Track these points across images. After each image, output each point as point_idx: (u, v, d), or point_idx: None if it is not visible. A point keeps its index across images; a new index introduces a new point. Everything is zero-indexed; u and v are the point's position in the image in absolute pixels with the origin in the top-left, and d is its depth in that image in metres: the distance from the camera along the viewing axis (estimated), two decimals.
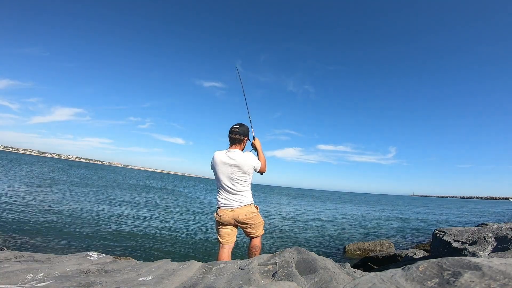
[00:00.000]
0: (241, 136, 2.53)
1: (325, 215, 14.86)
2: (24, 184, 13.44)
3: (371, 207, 24.56)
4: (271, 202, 21.18)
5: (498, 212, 23.15)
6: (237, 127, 2.53)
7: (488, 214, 20.41)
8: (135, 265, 2.02)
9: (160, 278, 1.62)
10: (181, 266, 1.91)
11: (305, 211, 16.42)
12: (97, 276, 1.64)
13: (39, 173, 22.83)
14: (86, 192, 13.63)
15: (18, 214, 6.77)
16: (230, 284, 1.50)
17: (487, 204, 51.74)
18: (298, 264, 1.71)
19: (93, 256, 2.12)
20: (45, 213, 7.38)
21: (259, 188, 22.49)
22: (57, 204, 8.90)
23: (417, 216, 17.47)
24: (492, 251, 2.48)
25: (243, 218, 2.46)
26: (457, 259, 0.83)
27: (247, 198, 2.51)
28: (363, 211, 19.23)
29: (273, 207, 17.15)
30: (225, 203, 2.48)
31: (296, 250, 1.98)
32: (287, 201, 25.11)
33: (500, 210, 27.79)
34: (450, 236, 3.10)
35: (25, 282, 1.47)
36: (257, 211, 2.57)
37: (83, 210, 8.43)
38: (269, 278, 1.55)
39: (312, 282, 1.45)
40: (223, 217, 2.47)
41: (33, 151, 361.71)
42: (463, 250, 2.64)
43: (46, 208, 8.07)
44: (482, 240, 2.70)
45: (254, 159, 2.54)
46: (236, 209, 2.46)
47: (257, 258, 1.94)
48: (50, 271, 1.64)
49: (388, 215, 16.96)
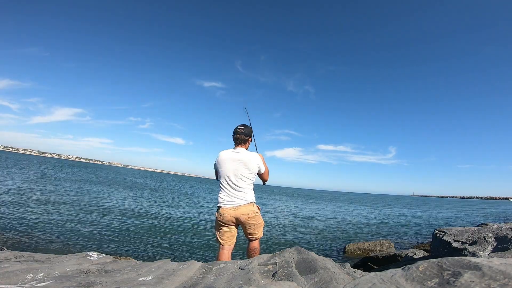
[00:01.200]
0: (246, 136, 2.62)
1: (325, 215, 14.86)
2: (24, 184, 13.44)
3: (371, 207, 24.56)
4: (271, 202, 21.18)
5: (498, 212, 23.16)
6: (242, 128, 2.62)
7: (488, 214, 20.42)
8: (135, 265, 2.02)
9: (160, 278, 1.62)
10: (181, 266, 1.91)
11: (305, 211, 16.42)
12: (97, 276, 1.64)
13: (39, 173, 22.83)
14: (85, 192, 13.63)
15: (18, 214, 6.78)
16: (230, 284, 1.50)
17: (487, 204, 51.74)
18: (298, 264, 1.71)
19: (93, 256, 2.12)
20: (45, 213, 7.38)
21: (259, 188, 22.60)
22: (57, 204, 8.90)
23: (417, 216, 17.48)
24: (492, 251, 2.48)
25: (245, 217, 2.45)
26: (457, 259, 0.83)
27: (250, 197, 2.51)
28: (363, 211, 19.23)
29: (273, 207, 17.15)
30: (227, 200, 2.47)
31: (296, 250, 1.98)
32: (287, 201, 25.11)
33: (500, 210, 27.80)
34: (450, 236, 3.10)
35: (25, 282, 1.46)
36: (258, 211, 2.57)
37: (83, 210, 8.43)
38: (269, 278, 1.55)
39: (312, 282, 1.45)
40: (225, 216, 2.45)
41: (33, 151, 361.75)
42: (463, 250, 2.64)
43: (46, 208, 8.07)
44: (482, 240, 2.70)
45: (259, 159, 2.61)
46: (238, 207, 2.45)
47: (257, 258, 1.94)
48: (50, 271, 1.64)
49: (388, 215, 16.96)
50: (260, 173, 2.63)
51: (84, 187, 16.15)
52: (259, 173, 2.61)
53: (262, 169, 2.61)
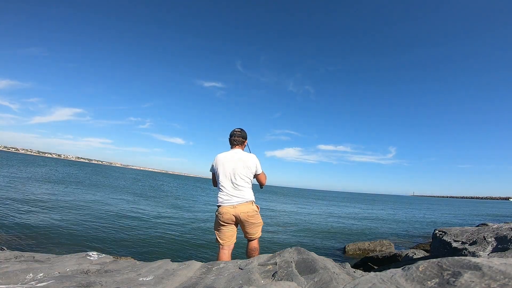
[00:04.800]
0: (243, 138, 2.70)
1: (325, 215, 14.86)
2: (24, 185, 13.44)
3: (371, 207, 24.56)
4: (270, 202, 21.18)
5: (498, 212, 23.16)
6: (239, 131, 2.70)
7: (488, 214, 20.42)
8: (135, 265, 2.02)
9: (160, 278, 1.62)
10: (181, 266, 1.91)
11: (305, 211, 16.42)
12: (97, 276, 1.64)
13: (39, 173, 22.83)
14: (85, 192, 13.63)
15: (18, 214, 6.78)
16: (230, 284, 1.50)
17: (487, 204, 51.77)
18: (298, 264, 1.71)
19: (93, 256, 2.12)
20: (45, 213, 7.38)
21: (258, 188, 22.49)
22: (57, 204, 8.90)
23: (417, 216, 17.48)
24: (492, 251, 2.48)
25: (245, 216, 2.46)
26: (457, 259, 0.83)
27: (249, 195, 2.53)
28: (363, 211, 19.23)
29: (273, 207, 17.15)
30: (227, 199, 2.49)
31: (296, 250, 1.98)
32: (287, 201, 25.11)
33: (500, 210, 27.80)
34: (450, 236, 3.10)
35: (25, 282, 1.46)
36: (258, 211, 2.59)
37: (83, 210, 8.43)
38: (269, 278, 1.55)
39: (312, 282, 1.45)
40: (224, 214, 2.46)
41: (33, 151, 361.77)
42: (463, 250, 2.64)
43: (46, 208, 8.07)
44: (482, 240, 2.70)
45: (257, 160, 2.66)
46: (238, 206, 2.46)
47: (257, 258, 1.94)
48: (50, 271, 1.64)
49: (388, 215, 16.96)
50: (257, 174, 2.65)
51: (84, 188, 16.15)
52: (257, 173, 2.64)
53: (260, 170, 2.65)
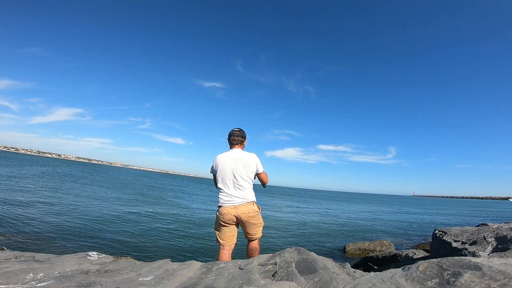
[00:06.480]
0: (242, 137, 2.69)
1: (325, 215, 14.86)
2: (24, 185, 13.44)
3: (371, 207, 24.56)
4: (270, 202, 21.18)
5: (498, 212, 23.16)
6: (237, 130, 2.69)
7: (488, 214, 20.42)
8: (135, 265, 2.01)
9: (160, 278, 1.62)
10: (181, 266, 1.91)
11: (305, 211, 16.42)
12: (97, 276, 1.64)
13: (39, 173, 22.83)
14: (85, 192, 13.62)
15: (18, 214, 6.77)
16: (230, 284, 1.50)
17: (487, 204, 51.76)
18: (298, 264, 1.71)
19: (93, 256, 2.12)
20: (45, 213, 7.38)
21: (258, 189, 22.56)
22: (57, 204, 8.90)
23: (417, 216, 17.48)
24: (492, 251, 2.48)
25: (245, 216, 2.46)
26: (457, 259, 0.83)
27: (250, 196, 2.52)
28: (363, 211, 19.22)
29: (273, 207, 17.15)
30: (228, 199, 2.48)
31: (296, 250, 1.97)
32: (287, 201, 25.10)
33: (500, 210, 27.80)
34: (450, 236, 3.10)
35: (25, 282, 1.46)
36: (259, 211, 2.58)
37: (83, 210, 8.43)
38: (269, 278, 1.55)
39: (312, 282, 1.45)
40: (225, 215, 2.46)
41: (33, 151, 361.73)
42: (463, 250, 2.64)
43: (46, 208, 8.07)
44: (482, 240, 2.70)
45: (258, 159, 2.64)
46: (239, 206, 2.46)
47: (257, 258, 1.93)
48: (50, 271, 1.64)
49: (388, 215, 16.96)
50: (259, 173, 2.64)
51: (84, 188, 16.15)
52: (258, 172, 2.62)
53: (261, 169, 2.63)
